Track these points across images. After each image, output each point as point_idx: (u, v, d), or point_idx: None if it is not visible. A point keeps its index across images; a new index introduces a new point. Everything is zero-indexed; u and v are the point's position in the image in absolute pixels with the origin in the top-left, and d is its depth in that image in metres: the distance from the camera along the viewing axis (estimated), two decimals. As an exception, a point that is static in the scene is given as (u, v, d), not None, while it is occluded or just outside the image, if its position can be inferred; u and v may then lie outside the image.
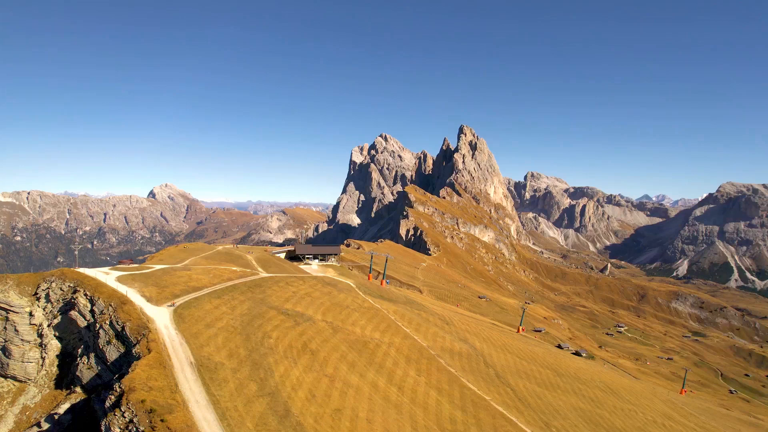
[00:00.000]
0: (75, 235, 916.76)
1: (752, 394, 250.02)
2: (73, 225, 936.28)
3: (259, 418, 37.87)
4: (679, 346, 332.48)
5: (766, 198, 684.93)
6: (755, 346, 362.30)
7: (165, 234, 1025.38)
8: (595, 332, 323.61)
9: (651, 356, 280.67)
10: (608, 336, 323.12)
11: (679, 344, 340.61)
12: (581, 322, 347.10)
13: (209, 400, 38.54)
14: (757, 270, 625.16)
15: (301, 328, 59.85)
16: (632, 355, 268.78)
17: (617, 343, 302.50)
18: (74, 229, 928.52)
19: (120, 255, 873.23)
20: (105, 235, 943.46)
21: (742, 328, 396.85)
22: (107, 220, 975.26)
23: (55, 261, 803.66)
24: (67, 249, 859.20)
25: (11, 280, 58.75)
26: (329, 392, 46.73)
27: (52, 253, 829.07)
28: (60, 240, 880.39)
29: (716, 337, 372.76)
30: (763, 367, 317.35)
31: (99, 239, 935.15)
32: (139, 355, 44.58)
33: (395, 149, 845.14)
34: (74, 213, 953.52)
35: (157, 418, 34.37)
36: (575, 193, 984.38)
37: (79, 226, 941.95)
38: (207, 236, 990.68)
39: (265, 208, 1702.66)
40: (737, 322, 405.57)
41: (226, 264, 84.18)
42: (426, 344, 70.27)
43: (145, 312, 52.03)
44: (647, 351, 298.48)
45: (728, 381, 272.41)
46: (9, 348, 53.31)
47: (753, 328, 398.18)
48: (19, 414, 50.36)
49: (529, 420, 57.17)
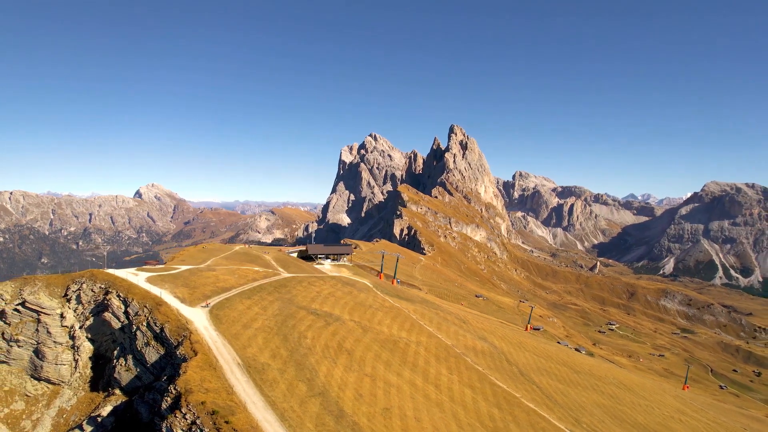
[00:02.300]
0: (59, 235, 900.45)
1: (741, 389, 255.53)
2: (57, 225, 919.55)
3: (316, 419, 37.99)
4: (670, 343, 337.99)
5: (749, 197, 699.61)
6: (741, 342, 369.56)
7: (152, 234, 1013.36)
8: (588, 330, 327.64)
9: (643, 353, 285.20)
10: (600, 334, 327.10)
11: (669, 341, 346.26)
12: (574, 320, 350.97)
13: (265, 401, 38.53)
14: (741, 267, 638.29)
15: (332, 327, 59.93)
16: (625, 353, 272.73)
17: (610, 341, 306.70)
18: (59, 230, 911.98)
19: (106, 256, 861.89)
20: (90, 235, 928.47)
21: (728, 325, 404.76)
22: (93, 221, 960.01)
23: (39, 262, 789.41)
24: (51, 250, 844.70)
25: (40, 282, 57.84)
26: (374, 392, 46.96)
27: (36, 254, 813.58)
28: (44, 241, 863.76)
29: (704, 334, 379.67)
30: (750, 362, 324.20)
31: (84, 240, 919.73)
32: (185, 356, 44.30)
33: (385, 149, 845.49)
34: (58, 213, 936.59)
35: (221, 419, 34.32)
36: (563, 193, 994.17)
37: (64, 226, 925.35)
38: (195, 236, 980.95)
39: (253, 208, 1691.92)
40: (724, 318, 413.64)
41: (248, 264, 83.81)
42: (450, 343, 70.79)
43: (181, 313, 51.71)
44: (639, 348, 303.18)
45: (718, 377, 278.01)
46: (42, 350, 52.56)
47: (739, 324, 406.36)
48: (55, 417, 49.71)
49: (560, 416, 58.02)
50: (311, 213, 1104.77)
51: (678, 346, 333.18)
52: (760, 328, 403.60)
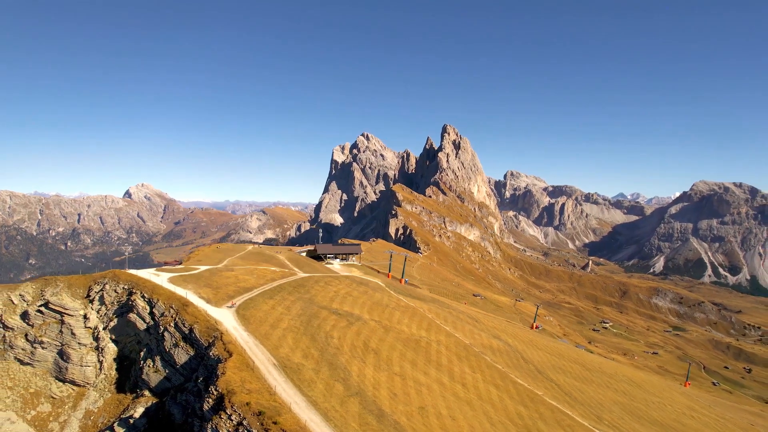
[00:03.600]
0: (47, 236, 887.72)
1: (733, 386, 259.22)
2: (45, 226, 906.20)
3: (359, 418, 38.06)
4: (662, 341, 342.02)
5: (737, 196, 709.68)
6: (732, 340, 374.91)
7: (142, 234, 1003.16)
8: (582, 328, 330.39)
9: (638, 351, 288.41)
10: (595, 332, 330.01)
11: (662, 339, 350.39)
12: (568, 318, 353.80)
13: (307, 402, 38.53)
14: (729, 266, 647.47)
15: (356, 327, 59.98)
16: (620, 350, 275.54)
17: (604, 339, 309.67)
18: (47, 230, 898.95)
19: (95, 256, 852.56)
20: (79, 236, 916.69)
21: (719, 322, 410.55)
22: (81, 221, 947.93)
23: (26, 263, 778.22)
24: (39, 250, 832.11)
25: (61, 283, 57.10)
26: (406, 391, 47.13)
27: (24, 255, 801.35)
28: (31, 241, 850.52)
29: (695, 332, 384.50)
30: (741, 359, 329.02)
31: (73, 240, 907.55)
32: (218, 357, 44.07)
33: (377, 148, 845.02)
34: (46, 213, 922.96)
35: (268, 420, 34.25)
36: (554, 192, 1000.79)
37: (52, 227, 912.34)
38: (185, 236, 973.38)
39: (243, 208, 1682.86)
40: (714, 316, 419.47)
41: (263, 264, 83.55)
42: (468, 342, 71.15)
43: (210, 314, 51.46)
44: (633, 346, 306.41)
45: (710, 374, 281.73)
46: (67, 352, 51.97)
47: (729, 322, 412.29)
48: (83, 418, 49.20)
49: (583, 414, 58.62)
50: (303, 213, 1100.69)
51: (671, 344, 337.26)
52: (750, 325, 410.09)
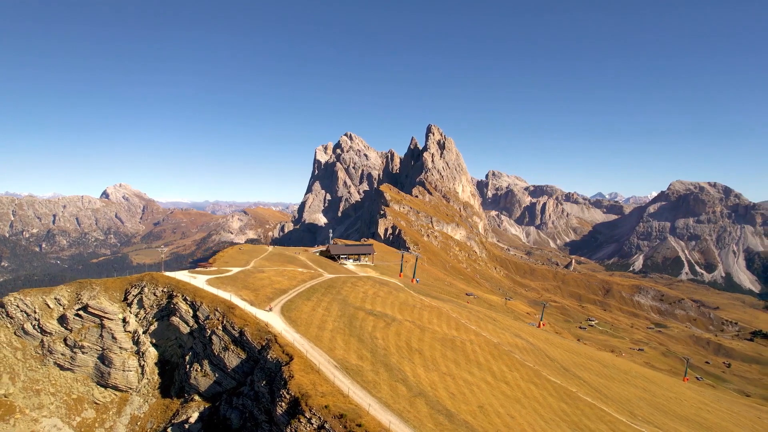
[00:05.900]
0: (21, 237, 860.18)
1: (715, 380, 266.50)
2: (18, 227, 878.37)
3: (431, 419, 38.27)
4: (646, 338, 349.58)
5: (712, 195, 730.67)
6: (711, 335, 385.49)
7: (120, 236, 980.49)
8: (569, 326, 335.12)
9: (624, 348, 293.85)
10: (582, 330, 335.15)
11: (646, 336, 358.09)
12: (555, 316, 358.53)
13: (380, 403, 38.60)
14: (705, 263, 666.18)
15: (394, 328, 60.10)
16: (607, 347, 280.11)
17: (591, 336, 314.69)
18: (20, 232, 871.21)
19: (71, 258, 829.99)
20: (54, 237, 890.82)
21: (698, 319, 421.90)
22: (57, 222, 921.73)
23: None
24: (12, 253, 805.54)
25: (98, 286, 55.66)
26: (461, 390, 47.50)
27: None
28: (4, 243, 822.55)
29: (676, 328, 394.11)
30: (720, 354, 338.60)
31: (48, 242, 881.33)
32: (278, 360, 43.64)
33: (361, 148, 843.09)
34: (19, 214, 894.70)
35: (351, 423, 34.20)
36: (535, 192, 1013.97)
37: (26, 228, 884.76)
38: (165, 237, 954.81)
39: (224, 208, 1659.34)
40: (694, 313, 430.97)
41: (289, 265, 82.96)
42: (496, 340, 71.92)
43: (258, 317, 50.96)
44: (619, 343, 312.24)
45: (694, 369, 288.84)
46: (109, 356, 50.81)
47: (708, 318, 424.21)
48: (128, 424, 48.19)
49: (617, 410, 59.90)
50: (285, 213, 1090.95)
51: (654, 340, 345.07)
52: (727, 321, 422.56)
